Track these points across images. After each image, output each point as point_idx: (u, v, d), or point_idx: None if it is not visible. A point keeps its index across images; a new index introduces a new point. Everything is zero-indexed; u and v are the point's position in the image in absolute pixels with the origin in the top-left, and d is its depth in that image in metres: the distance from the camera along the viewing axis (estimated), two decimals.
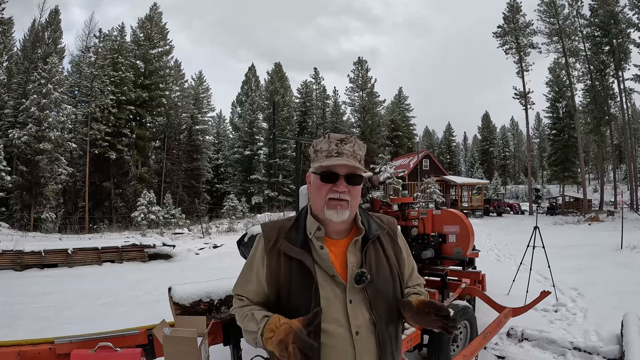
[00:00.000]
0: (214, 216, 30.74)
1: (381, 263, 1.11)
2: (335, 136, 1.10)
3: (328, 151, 1.08)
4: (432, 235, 4.61)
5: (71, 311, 5.67)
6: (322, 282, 1.05)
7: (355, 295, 1.05)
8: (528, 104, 31.45)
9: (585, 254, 9.18)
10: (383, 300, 1.08)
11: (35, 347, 1.88)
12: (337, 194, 1.06)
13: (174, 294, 2.12)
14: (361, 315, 1.05)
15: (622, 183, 40.04)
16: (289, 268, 1.07)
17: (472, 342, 2.94)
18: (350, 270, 1.07)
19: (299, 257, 1.07)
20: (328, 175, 1.07)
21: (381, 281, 1.09)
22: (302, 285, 1.05)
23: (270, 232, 1.15)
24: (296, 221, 1.15)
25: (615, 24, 25.96)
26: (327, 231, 1.12)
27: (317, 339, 1.00)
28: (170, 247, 12.10)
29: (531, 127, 47.31)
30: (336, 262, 1.08)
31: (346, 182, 1.07)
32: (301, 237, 1.10)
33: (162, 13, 35.85)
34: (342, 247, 1.11)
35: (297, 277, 1.06)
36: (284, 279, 1.07)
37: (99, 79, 28.27)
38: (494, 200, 30.39)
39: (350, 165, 1.06)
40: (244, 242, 4.58)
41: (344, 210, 1.06)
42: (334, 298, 1.04)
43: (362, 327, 1.04)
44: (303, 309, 1.02)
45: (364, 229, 1.12)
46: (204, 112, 41.16)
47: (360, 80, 46.71)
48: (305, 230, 1.11)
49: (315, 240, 1.09)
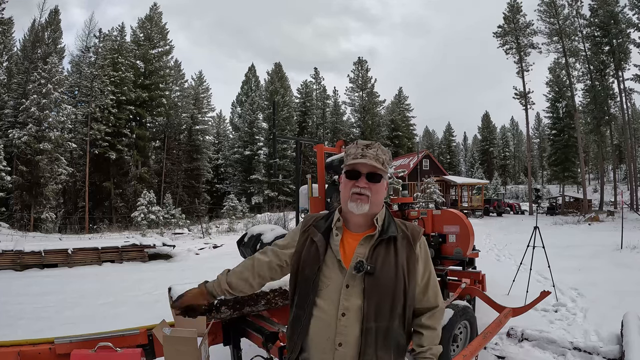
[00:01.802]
0: (214, 216, 30.74)
1: (388, 260, 1.21)
2: (362, 142, 1.29)
3: (354, 154, 1.26)
4: (432, 235, 4.61)
5: (71, 311, 5.66)
6: (329, 263, 1.23)
7: (353, 282, 1.18)
8: (528, 104, 31.47)
9: (585, 254, 9.17)
10: (379, 293, 1.18)
11: (35, 347, 1.88)
12: (358, 188, 1.23)
13: (174, 294, 2.12)
14: (353, 300, 1.17)
15: (622, 183, 40.04)
16: (309, 247, 1.28)
17: (472, 342, 2.93)
18: (355, 258, 1.20)
19: (317, 240, 1.27)
20: (352, 173, 1.26)
21: (382, 276, 1.18)
22: (312, 262, 1.24)
23: (307, 219, 1.39)
24: (329, 214, 1.36)
25: (615, 24, 25.95)
26: (348, 224, 1.30)
27: (309, 310, 1.20)
28: (170, 247, 12.10)
29: (531, 127, 47.38)
30: (347, 250, 1.24)
31: (367, 179, 1.24)
32: (326, 225, 1.30)
33: (162, 13, 35.92)
34: (356, 240, 1.26)
35: (311, 255, 1.25)
36: (304, 255, 1.28)
37: (99, 79, 28.27)
38: (494, 200, 30.38)
39: (371, 165, 1.23)
40: (244, 242, 4.60)
41: (364, 204, 1.23)
42: (335, 279, 1.20)
43: (350, 310, 1.16)
44: (307, 281, 1.23)
45: (382, 228, 1.26)
46: (204, 112, 41.17)
47: (360, 80, 46.72)
48: (331, 221, 1.31)
49: (335, 229, 1.28)
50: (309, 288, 1.21)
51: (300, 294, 1.24)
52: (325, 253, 1.23)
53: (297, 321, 1.23)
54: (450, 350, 3.16)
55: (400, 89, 54.41)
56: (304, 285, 1.23)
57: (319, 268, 1.21)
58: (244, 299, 2.38)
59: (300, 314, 1.22)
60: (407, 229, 1.30)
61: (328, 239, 1.27)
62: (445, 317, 3.12)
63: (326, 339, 1.16)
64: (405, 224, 1.33)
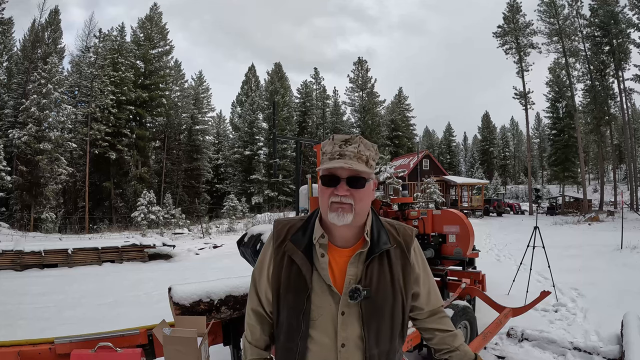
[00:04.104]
0: (214, 216, 30.73)
1: (383, 279, 1.06)
2: (339, 137, 1.05)
3: (331, 153, 1.03)
4: (432, 235, 4.62)
5: (71, 311, 5.66)
6: (318, 290, 1.04)
7: (349, 309, 1.03)
8: (528, 104, 31.46)
9: (585, 254, 9.18)
10: (378, 318, 1.05)
11: (35, 347, 1.88)
12: (338, 197, 1.01)
13: (174, 294, 2.12)
14: (351, 329, 1.03)
15: (622, 183, 40.00)
16: (289, 269, 1.07)
17: (472, 342, 2.94)
18: (348, 282, 1.03)
19: (299, 261, 1.06)
20: (329, 178, 1.02)
21: (380, 298, 1.04)
22: (297, 289, 1.04)
23: (281, 229, 1.14)
24: (306, 222, 1.13)
25: (615, 24, 25.94)
26: (333, 237, 1.08)
27: (303, 343, 1.03)
28: (170, 247, 12.10)
29: (531, 127, 47.36)
30: (336, 271, 1.06)
31: (348, 185, 1.01)
32: (306, 240, 1.08)
33: (162, 13, 35.90)
34: (345, 257, 1.07)
35: (295, 281, 1.05)
36: (284, 278, 1.07)
37: (99, 79, 28.27)
38: (494, 200, 30.40)
39: (351, 168, 1.00)
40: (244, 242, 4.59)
41: (346, 214, 1.01)
42: (328, 307, 1.03)
43: (349, 340, 1.02)
44: (295, 312, 1.04)
45: (372, 241, 1.07)
46: (204, 112, 41.18)
47: (360, 80, 46.73)
48: (312, 234, 1.08)
49: (319, 247, 1.06)
50: (299, 319, 1.03)
51: (289, 324, 1.06)
52: (311, 279, 1.04)
53: (289, 352, 1.06)
54: None
55: (400, 89, 54.43)
56: (292, 315, 1.05)
57: (307, 297, 1.03)
58: (244, 299, 2.38)
59: (291, 347, 1.05)
60: (399, 234, 1.13)
61: (311, 259, 1.06)
62: None
63: None
64: (395, 226, 1.15)
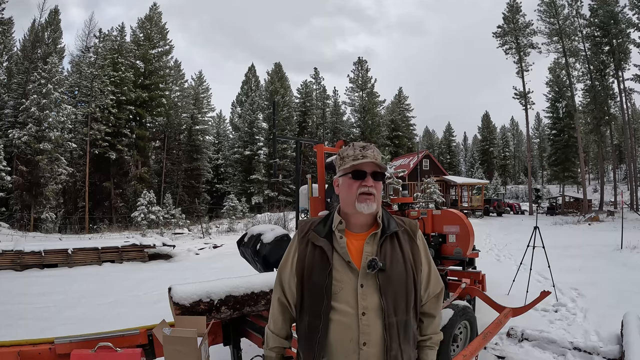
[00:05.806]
0: (214, 216, 30.71)
1: (396, 256, 1.24)
2: (359, 144, 1.31)
3: (354, 156, 1.28)
4: (432, 235, 4.61)
5: (71, 311, 5.66)
6: (338, 266, 1.21)
7: (367, 281, 1.19)
8: (528, 104, 31.45)
9: (585, 254, 9.18)
10: (393, 289, 1.20)
11: (35, 347, 1.88)
12: (366, 188, 1.24)
13: (174, 294, 2.12)
14: (370, 298, 1.18)
15: (622, 183, 40.00)
16: (312, 253, 1.26)
17: (472, 342, 2.93)
18: (365, 258, 1.21)
19: (321, 244, 1.25)
20: (358, 173, 1.26)
21: (394, 272, 1.21)
22: (320, 267, 1.22)
23: (304, 226, 1.36)
24: (326, 218, 1.34)
25: (615, 24, 25.94)
26: (350, 225, 1.29)
27: (326, 315, 1.18)
28: (170, 247, 12.10)
29: (531, 127, 47.39)
30: (353, 251, 1.24)
31: (372, 178, 1.26)
32: (327, 229, 1.28)
33: (161, 13, 35.89)
34: (361, 240, 1.26)
35: (318, 261, 1.24)
36: (307, 262, 1.26)
37: (99, 79, 28.27)
38: (494, 200, 30.39)
39: (375, 164, 1.26)
40: (244, 242, 4.59)
41: (372, 203, 1.24)
42: (348, 281, 1.20)
43: (369, 309, 1.17)
44: (319, 287, 1.20)
45: (383, 225, 1.28)
46: (204, 112, 41.17)
47: (360, 80, 46.74)
48: (331, 224, 1.29)
49: (337, 232, 1.26)
50: (321, 294, 1.19)
51: (312, 302, 1.22)
52: (332, 257, 1.22)
53: (313, 329, 1.20)
54: (450, 350, 3.16)
55: (400, 89, 54.49)
56: (315, 293, 1.21)
57: (329, 272, 1.20)
58: (244, 299, 2.38)
59: (315, 322, 1.19)
60: (405, 223, 1.34)
61: (332, 242, 1.25)
62: (445, 317, 3.11)
63: (349, 340, 1.16)
64: (402, 218, 1.36)
